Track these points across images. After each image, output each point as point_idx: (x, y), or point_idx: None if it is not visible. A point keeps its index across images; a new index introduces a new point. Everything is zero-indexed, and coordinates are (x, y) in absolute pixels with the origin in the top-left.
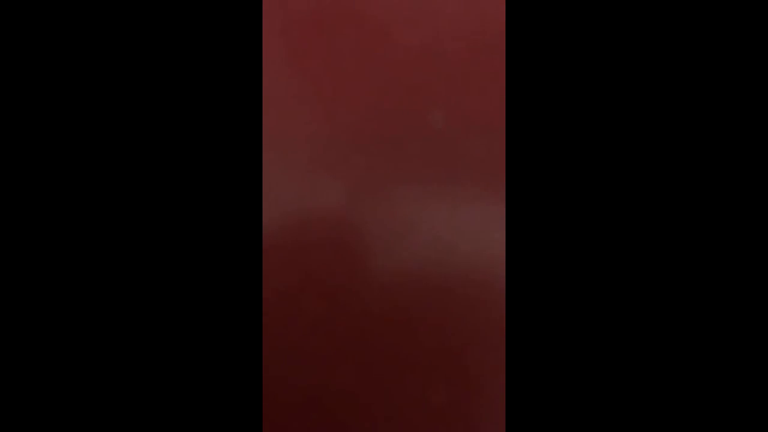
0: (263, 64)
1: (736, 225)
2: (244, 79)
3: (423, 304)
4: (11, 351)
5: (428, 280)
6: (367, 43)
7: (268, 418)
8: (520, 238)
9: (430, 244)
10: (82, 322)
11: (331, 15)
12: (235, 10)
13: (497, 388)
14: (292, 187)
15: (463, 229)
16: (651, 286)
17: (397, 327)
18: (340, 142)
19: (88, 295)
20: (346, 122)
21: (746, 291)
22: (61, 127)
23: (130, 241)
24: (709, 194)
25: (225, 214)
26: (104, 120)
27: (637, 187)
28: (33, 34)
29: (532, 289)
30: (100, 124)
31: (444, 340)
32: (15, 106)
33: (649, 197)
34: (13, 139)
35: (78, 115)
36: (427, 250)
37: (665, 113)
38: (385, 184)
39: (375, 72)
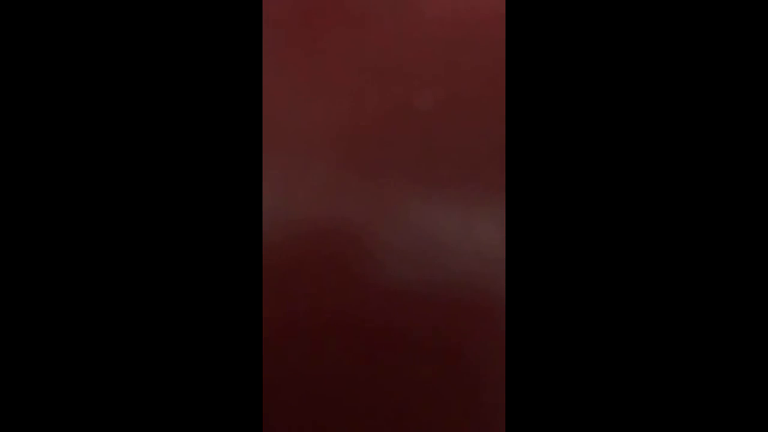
0: (263, 63)
1: (737, 225)
2: (244, 77)
3: (422, 304)
4: (10, 351)
5: (428, 281)
6: (370, 40)
7: (268, 418)
8: (520, 238)
9: (431, 242)
10: (80, 321)
11: (334, 11)
12: (234, 7)
13: (497, 389)
14: (293, 186)
15: (465, 230)
16: (655, 282)
17: (395, 326)
18: (342, 141)
19: (87, 295)
20: (348, 121)
21: (746, 291)
22: (56, 126)
23: (128, 239)
24: (719, 193)
25: (224, 212)
26: (101, 118)
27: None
28: (31, 33)
29: (533, 290)
30: (95, 121)
31: (444, 341)
32: (14, 106)
33: (664, 194)
34: (11, 139)
35: (72, 111)
36: (427, 250)
37: (674, 108)
38: (388, 184)
39: (377, 69)
